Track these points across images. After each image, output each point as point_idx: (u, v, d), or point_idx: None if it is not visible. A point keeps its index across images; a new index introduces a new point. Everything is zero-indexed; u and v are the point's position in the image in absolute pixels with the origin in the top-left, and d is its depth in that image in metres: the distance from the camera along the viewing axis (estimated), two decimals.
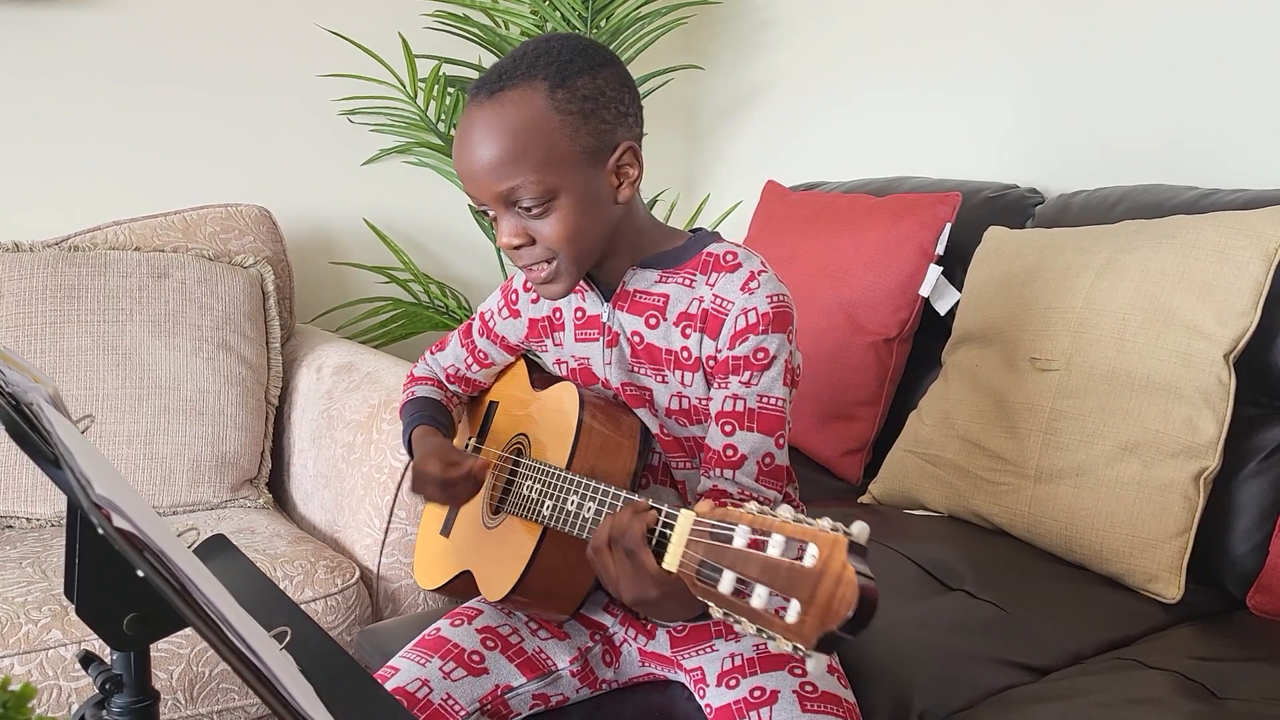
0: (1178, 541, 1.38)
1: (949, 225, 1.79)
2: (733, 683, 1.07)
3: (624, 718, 1.17)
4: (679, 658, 1.15)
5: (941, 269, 1.79)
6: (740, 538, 0.74)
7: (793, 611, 0.68)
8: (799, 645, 0.68)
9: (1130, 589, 1.41)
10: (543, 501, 1.04)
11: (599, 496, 0.97)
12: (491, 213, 1.05)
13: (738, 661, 1.09)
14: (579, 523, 0.99)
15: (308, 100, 2.39)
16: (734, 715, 1.04)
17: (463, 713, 1.08)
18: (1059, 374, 1.51)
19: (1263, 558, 1.38)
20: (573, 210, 1.03)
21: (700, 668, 1.12)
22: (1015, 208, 1.85)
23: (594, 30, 2.28)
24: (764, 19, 2.51)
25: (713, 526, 0.77)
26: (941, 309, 1.81)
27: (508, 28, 2.40)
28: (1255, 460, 1.43)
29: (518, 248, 1.05)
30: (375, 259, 2.49)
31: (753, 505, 0.76)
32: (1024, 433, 1.53)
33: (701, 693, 1.11)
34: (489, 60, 2.45)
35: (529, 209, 1.02)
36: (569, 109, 1.01)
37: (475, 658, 1.11)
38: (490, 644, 1.13)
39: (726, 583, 0.74)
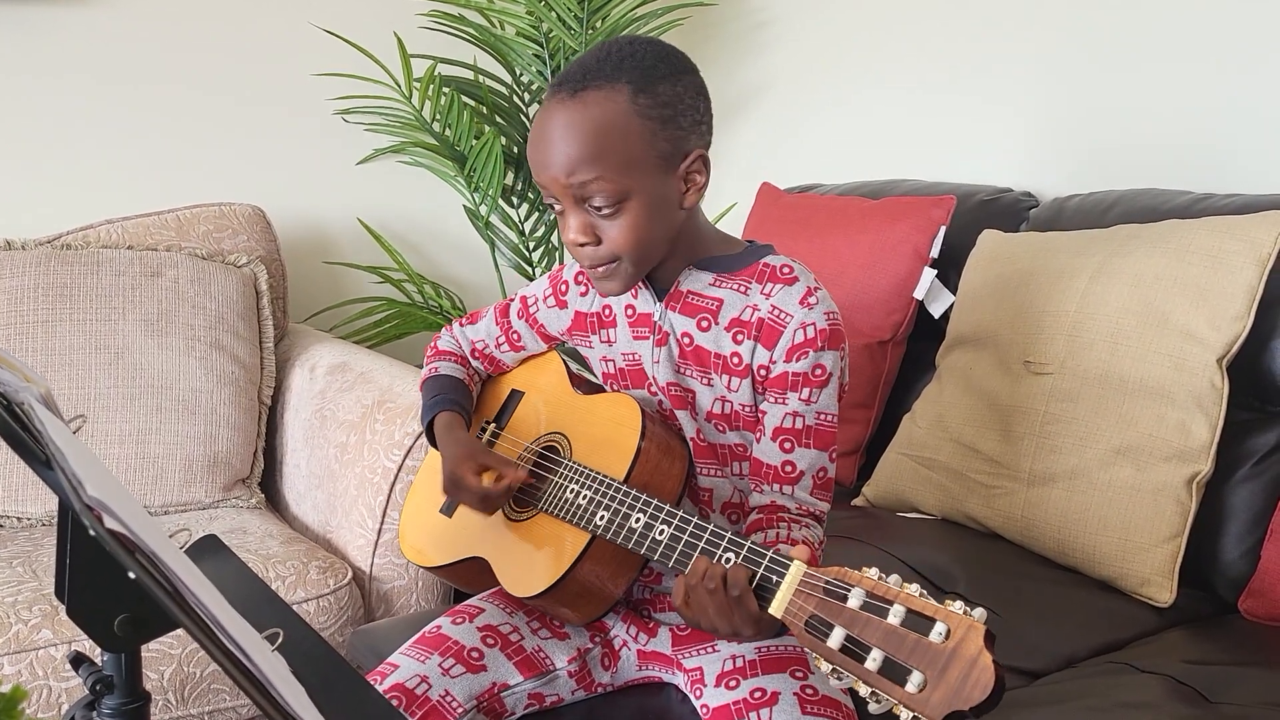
0: (1170, 545, 1.38)
1: (943, 228, 1.79)
2: (733, 683, 1.07)
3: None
4: (679, 657, 1.15)
5: (936, 272, 1.79)
6: (855, 599, 0.78)
7: (913, 683, 0.72)
8: (921, 716, 0.72)
9: (1123, 593, 1.42)
10: (594, 510, 1.04)
11: (675, 522, 0.97)
12: (558, 206, 1.06)
13: (739, 663, 1.09)
14: (647, 542, 0.99)
15: (302, 99, 2.38)
16: (732, 715, 1.04)
17: (459, 709, 1.08)
18: (1053, 377, 1.51)
19: (1254, 562, 1.38)
20: (641, 213, 1.04)
21: (700, 668, 1.12)
22: (1010, 211, 1.85)
23: (590, 31, 2.28)
24: (760, 21, 2.51)
25: (826, 583, 0.81)
26: (936, 312, 1.81)
27: (503, 28, 2.40)
28: (1248, 465, 1.44)
29: (582, 245, 1.05)
30: (369, 259, 2.49)
31: (873, 571, 0.80)
32: (1017, 436, 1.53)
33: (698, 693, 1.11)
34: (485, 60, 2.45)
35: (599, 208, 1.03)
36: (649, 114, 1.02)
37: (474, 655, 1.12)
38: (490, 641, 1.13)
39: (835, 639, 0.78)
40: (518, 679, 1.12)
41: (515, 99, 2.48)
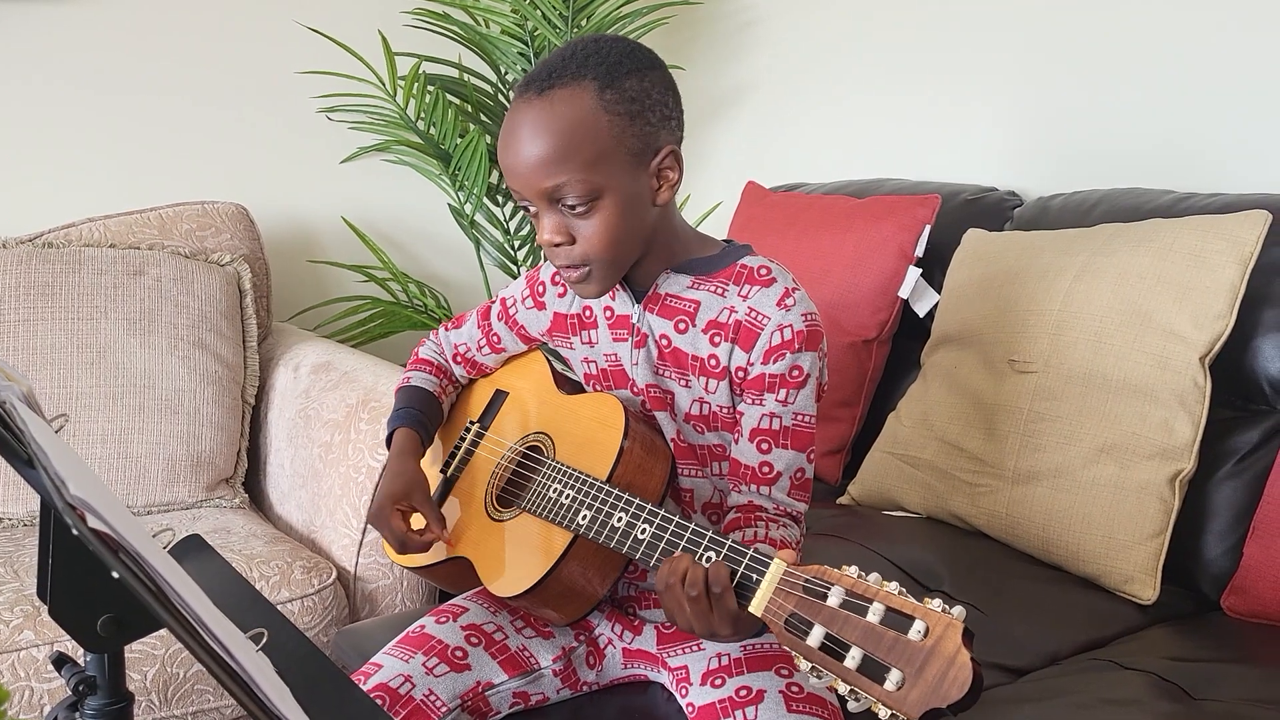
0: (1153, 543, 1.39)
1: (928, 227, 1.79)
2: (718, 681, 1.07)
3: (604, 718, 1.17)
4: (664, 655, 1.15)
5: (920, 271, 1.79)
6: (834, 597, 0.78)
7: (892, 680, 0.72)
8: (899, 713, 0.72)
9: (1106, 590, 1.42)
10: (577, 509, 1.04)
11: (657, 521, 0.97)
12: (533, 208, 1.06)
13: (724, 661, 1.09)
14: (629, 542, 0.98)
15: (286, 97, 2.37)
16: (718, 714, 1.04)
17: (444, 709, 1.07)
18: (1037, 376, 1.52)
19: (1237, 559, 1.39)
20: (615, 211, 1.03)
21: (685, 666, 1.12)
22: (994, 210, 1.86)
23: (575, 29, 2.27)
24: (746, 20, 2.51)
25: (806, 581, 0.81)
26: (920, 311, 1.81)
27: (488, 26, 2.39)
28: (1230, 463, 1.45)
29: (558, 245, 1.05)
30: (353, 257, 2.48)
31: (852, 569, 0.79)
32: (1002, 434, 1.53)
33: (684, 691, 1.11)
34: (469, 58, 2.44)
35: (573, 207, 1.03)
36: (616, 110, 1.02)
37: (458, 654, 1.11)
38: (474, 640, 1.13)
39: (814, 637, 0.77)
40: (502, 678, 1.12)
41: (500, 97, 2.47)
